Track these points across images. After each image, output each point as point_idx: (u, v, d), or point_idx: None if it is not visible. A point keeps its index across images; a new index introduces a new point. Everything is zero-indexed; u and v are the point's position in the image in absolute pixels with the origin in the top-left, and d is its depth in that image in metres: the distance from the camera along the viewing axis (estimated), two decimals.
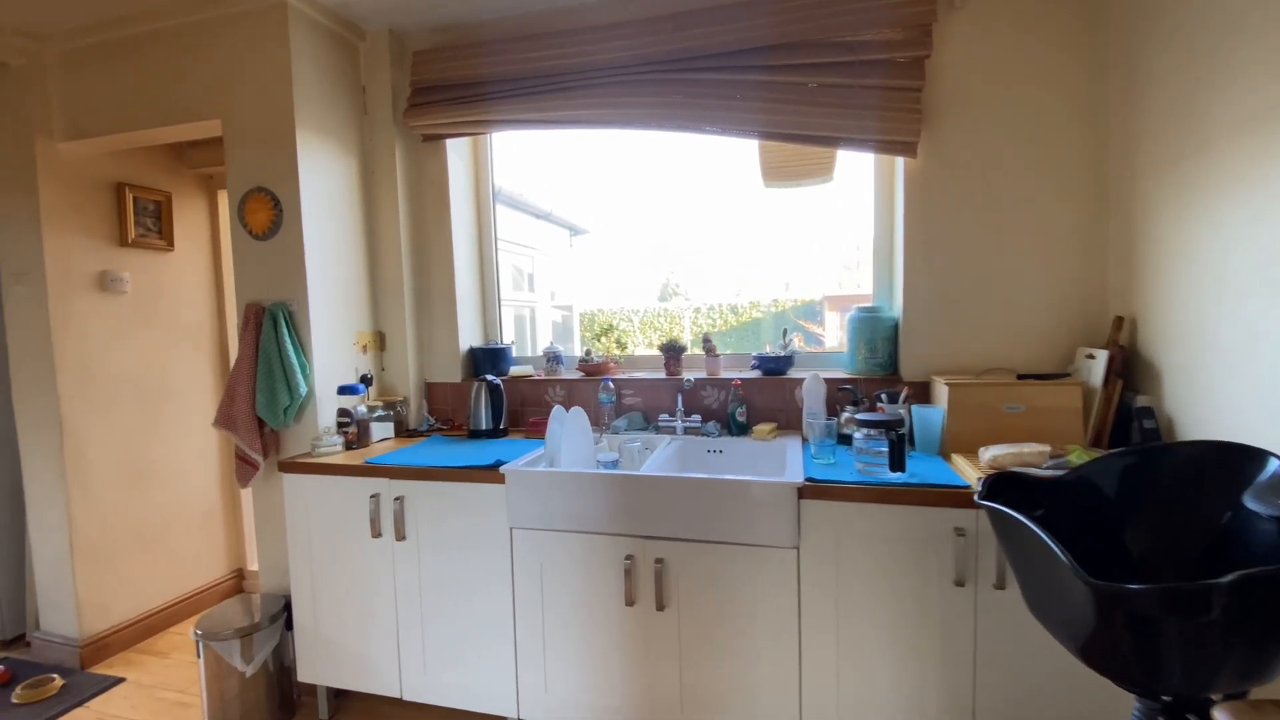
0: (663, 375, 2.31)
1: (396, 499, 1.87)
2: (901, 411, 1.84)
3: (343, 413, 2.12)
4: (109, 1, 2.10)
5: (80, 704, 2.17)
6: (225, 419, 2.11)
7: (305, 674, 2.04)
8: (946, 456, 1.75)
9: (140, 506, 2.64)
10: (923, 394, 2.00)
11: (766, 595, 1.57)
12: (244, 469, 2.12)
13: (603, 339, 2.65)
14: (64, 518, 2.40)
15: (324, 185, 2.20)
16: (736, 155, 2.46)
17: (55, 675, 2.29)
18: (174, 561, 2.78)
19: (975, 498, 1.21)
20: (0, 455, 2.54)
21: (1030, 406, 1.73)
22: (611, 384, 2.26)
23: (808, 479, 1.54)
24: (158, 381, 2.72)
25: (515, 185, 2.83)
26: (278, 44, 2.07)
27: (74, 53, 2.31)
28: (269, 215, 2.13)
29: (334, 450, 2.06)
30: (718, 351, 2.27)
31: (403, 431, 2.37)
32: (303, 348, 2.13)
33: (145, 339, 2.68)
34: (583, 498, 1.68)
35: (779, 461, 1.92)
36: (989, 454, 1.58)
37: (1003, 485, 1.26)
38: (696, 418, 2.16)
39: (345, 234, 2.30)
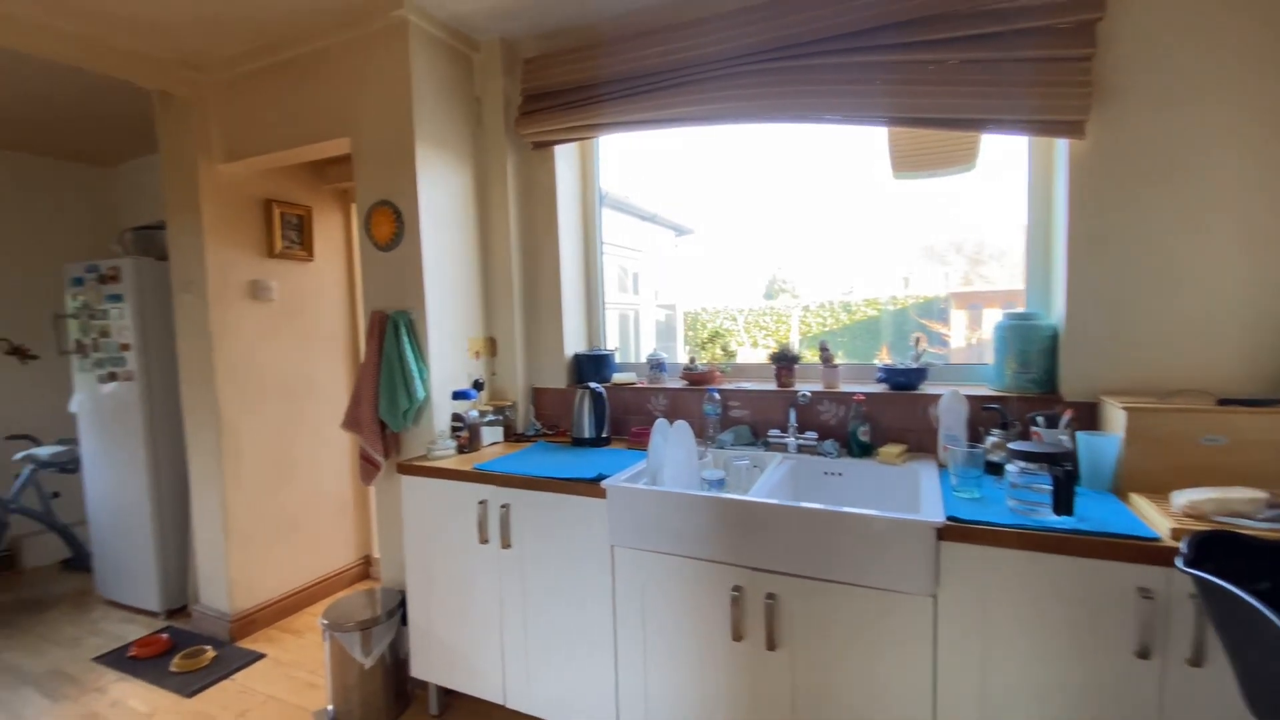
0: (773, 386, 2.15)
1: (503, 506, 1.87)
2: (1064, 439, 1.57)
3: (456, 417, 2.17)
4: (256, 33, 2.29)
5: (226, 676, 2.40)
6: (351, 421, 2.23)
7: (418, 669, 2.11)
8: (1122, 496, 1.46)
9: (283, 496, 2.89)
10: (1089, 418, 1.70)
11: (895, 647, 1.38)
12: (367, 469, 2.24)
13: (708, 346, 2.53)
14: (220, 503, 2.67)
15: (441, 197, 2.26)
16: (851, 144, 2.26)
17: (208, 647, 2.55)
18: (311, 547, 3.02)
19: (1179, 562, 0.97)
20: (171, 444, 2.87)
21: (1236, 440, 1.40)
22: (717, 395, 2.15)
23: (950, 518, 1.34)
24: (300, 381, 2.97)
25: (621, 189, 2.79)
26: (399, 61, 2.15)
27: (228, 82, 2.55)
28: (391, 227, 2.23)
29: (447, 454, 2.11)
30: (836, 361, 2.08)
31: (511, 435, 2.40)
32: (421, 354, 2.20)
33: (289, 342, 2.93)
34: (687, 520, 1.58)
35: (911, 491, 1.71)
36: (1186, 498, 1.29)
37: (1214, 547, 1.01)
38: (812, 435, 1.98)
39: (460, 243, 2.36)
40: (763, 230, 2.70)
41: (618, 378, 2.43)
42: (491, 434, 2.28)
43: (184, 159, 2.63)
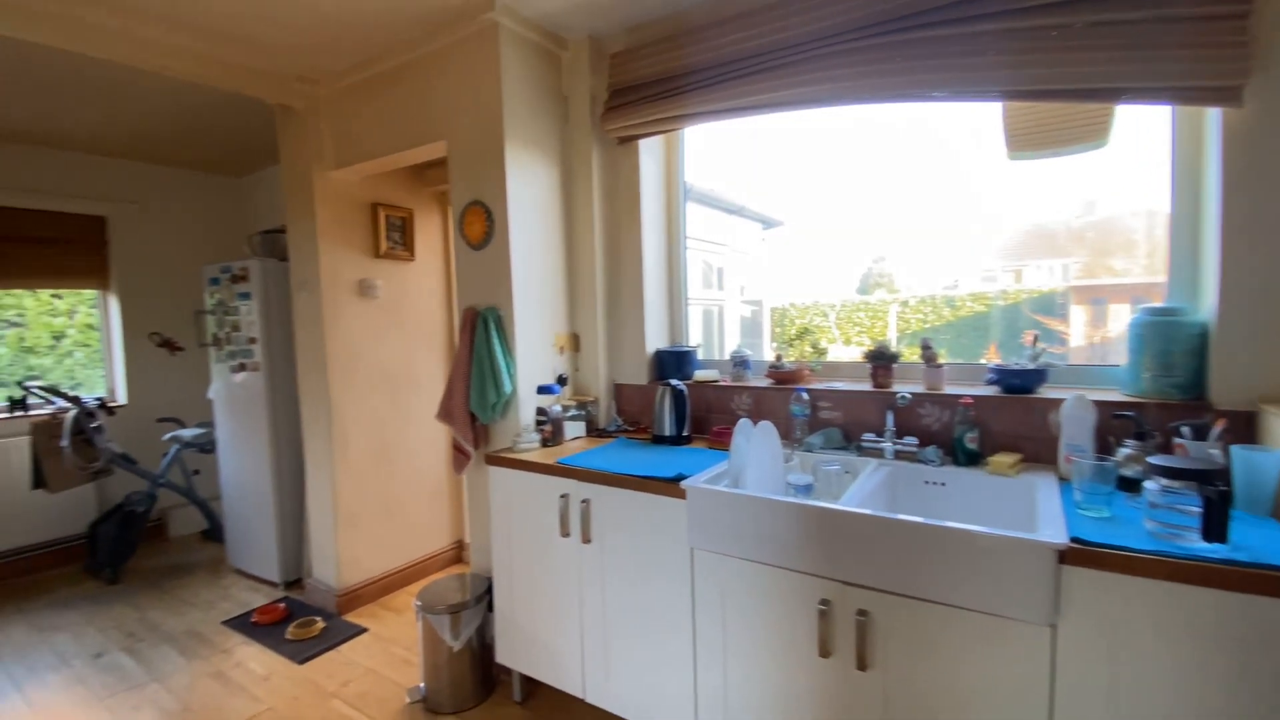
0: (868, 387, 2.03)
1: (583, 501, 1.89)
2: (1216, 454, 1.36)
3: (540, 411, 2.22)
4: (360, 46, 2.43)
5: (333, 647, 2.58)
6: (444, 412, 2.33)
7: (502, 655, 2.17)
8: None
9: (386, 480, 3.08)
10: (1245, 429, 1.46)
11: (1005, 679, 1.25)
12: (459, 458, 2.33)
13: (796, 343, 2.44)
14: (330, 485, 2.88)
15: (529, 195, 2.31)
16: (959, 122, 2.08)
17: (319, 618, 2.76)
18: (409, 530, 3.20)
19: None
20: (290, 429, 3.14)
21: None
22: (806, 394, 2.05)
23: (1074, 539, 1.19)
24: (401, 373, 3.15)
25: (706, 182, 2.73)
26: (490, 63, 2.21)
27: (337, 94, 2.73)
28: (483, 226, 2.30)
29: (532, 447, 2.16)
30: (940, 360, 1.93)
31: (593, 431, 2.42)
32: (509, 349, 2.26)
33: (392, 337, 3.11)
34: (771, 527, 1.51)
35: (1026, 507, 1.55)
36: None
37: None
38: (912, 440, 1.84)
39: (546, 240, 2.40)
40: (858, 220, 2.55)
41: (700, 375, 2.39)
42: (574, 429, 2.31)
43: (300, 167, 2.85)
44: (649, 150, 2.47)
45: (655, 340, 2.51)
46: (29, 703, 2.25)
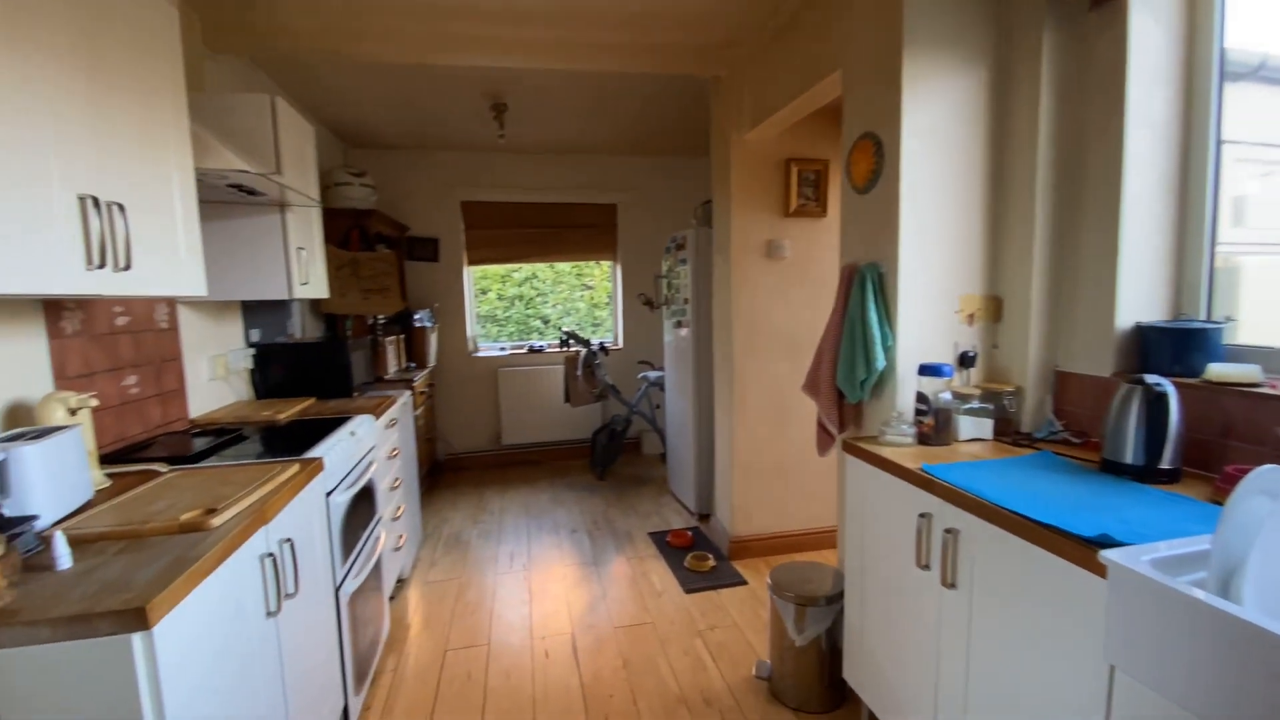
0: None
1: (948, 531, 1.38)
2: None
3: (921, 398, 1.73)
4: None
5: (713, 588, 2.75)
6: (809, 384, 2.09)
7: (848, 672, 1.87)
8: None
9: (779, 441, 3.06)
10: None
11: None
12: (822, 437, 2.07)
13: None
14: (730, 436, 3.03)
15: (933, 113, 1.77)
16: None
17: (711, 557, 2.98)
18: (802, 497, 3.11)
19: None
20: (709, 379, 3.44)
21: None
22: None
23: None
24: (804, 336, 3.02)
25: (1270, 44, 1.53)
26: None
27: (754, 52, 2.68)
28: (869, 164, 1.90)
29: (901, 441, 1.72)
30: None
31: (1008, 433, 1.76)
32: (888, 315, 1.84)
33: (795, 298, 3.01)
34: None
35: None
36: None
37: None
38: None
39: (957, 171, 1.81)
40: None
41: (1220, 371, 1.40)
42: (973, 426, 1.72)
43: (721, 134, 2.97)
44: (1146, 8, 1.53)
45: (1137, 308, 1.61)
46: (529, 554, 3.22)
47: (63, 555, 1.02)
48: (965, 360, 1.84)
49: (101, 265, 1.18)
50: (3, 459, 1.14)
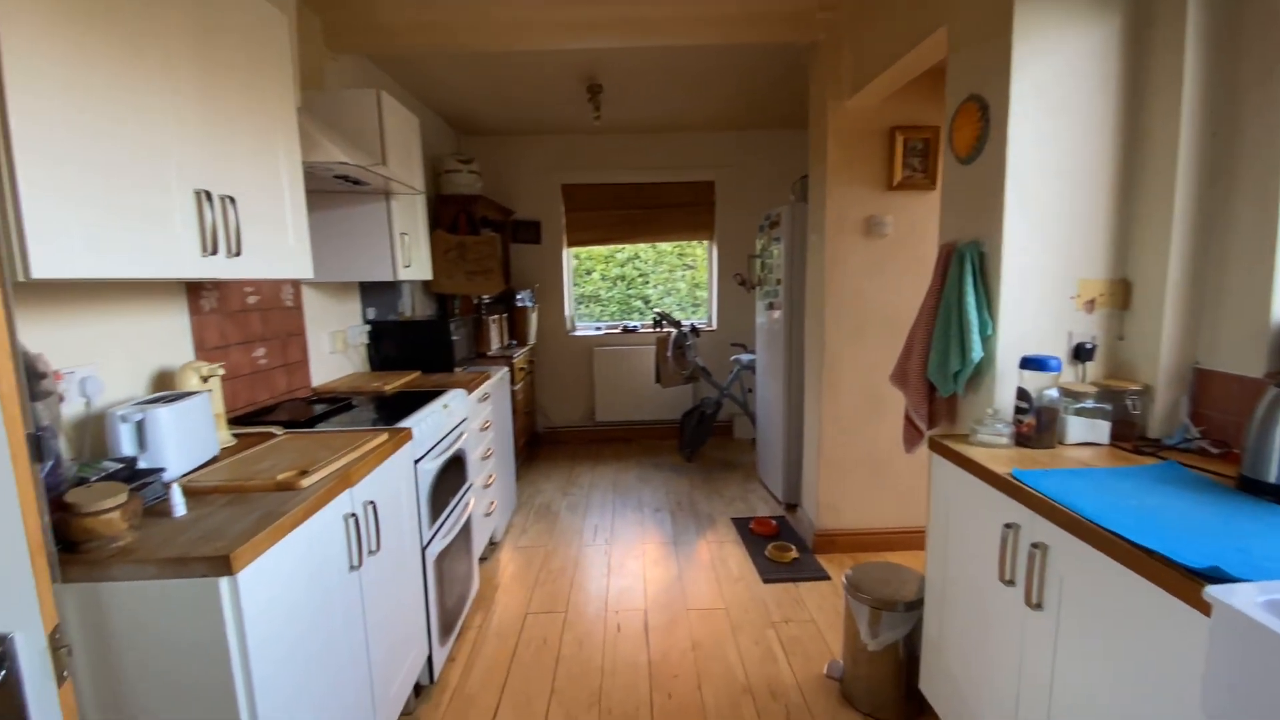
0: None
1: (1035, 545, 1.23)
2: None
3: (1021, 394, 1.55)
4: None
5: (793, 580, 2.67)
6: (898, 374, 1.93)
7: (925, 684, 1.75)
8: None
9: (873, 433, 2.87)
10: None
11: None
12: (910, 432, 1.92)
13: None
14: (817, 424, 2.90)
15: (1049, 70, 1.54)
16: None
17: (794, 548, 2.88)
18: (897, 492, 2.92)
19: None
20: (797, 362, 3.30)
21: None
22: None
23: None
24: (901, 320, 2.78)
25: None
26: None
27: (854, 13, 2.48)
28: (974, 129, 1.70)
29: (996, 441, 1.54)
30: None
31: (1130, 437, 1.52)
32: (988, 300, 1.65)
33: (895, 277, 2.79)
34: None
35: None
36: None
37: None
38: None
39: (1077, 135, 1.56)
40: None
41: None
42: (1084, 428, 1.51)
43: (820, 103, 2.79)
44: None
45: None
46: (612, 528, 3.30)
47: (178, 504, 1.19)
48: (1081, 353, 1.62)
49: (214, 252, 1.34)
50: (141, 419, 1.35)
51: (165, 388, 1.64)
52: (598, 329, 5.09)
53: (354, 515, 1.46)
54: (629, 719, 1.89)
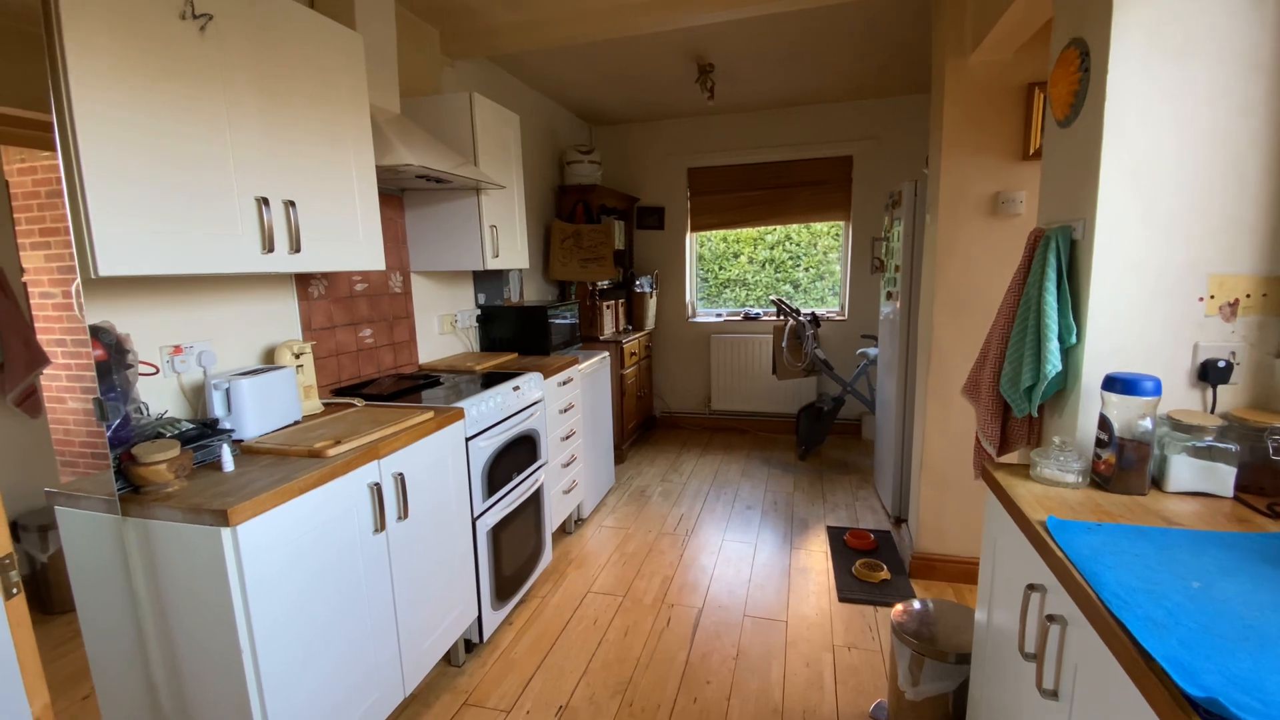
0: None
1: (1049, 618, 0.97)
2: None
3: (1103, 423, 1.21)
4: None
5: (873, 603, 2.40)
6: (970, 386, 1.62)
7: None
8: None
9: None
10: None
11: None
12: (979, 453, 1.60)
13: None
14: (920, 433, 2.55)
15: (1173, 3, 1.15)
16: None
17: (885, 568, 2.59)
18: None
19: None
20: (914, 360, 2.91)
21: None
22: None
23: None
24: None
25: None
26: None
27: None
28: (1071, 84, 1.34)
29: (1061, 479, 1.23)
30: None
31: (1272, 491, 1.12)
32: (1075, 300, 1.31)
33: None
34: None
35: None
36: None
37: None
38: None
39: (1216, 83, 1.15)
40: None
41: None
42: (1199, 474, 1.14)
43: (940, 61, 2.40)
44: None
45: None
46: (696, 520, 3.25)
47: (228, 461, 1.44)
48: (1212, 372, 1.21)
49: (271, 250, 1.57)
50: (228, 387, 1.65)
51: (270, 362, 1.97)
52: (718, 316, 4.97)
53: (378, 484, 1.64)
54: (649, 714, 1.88)
